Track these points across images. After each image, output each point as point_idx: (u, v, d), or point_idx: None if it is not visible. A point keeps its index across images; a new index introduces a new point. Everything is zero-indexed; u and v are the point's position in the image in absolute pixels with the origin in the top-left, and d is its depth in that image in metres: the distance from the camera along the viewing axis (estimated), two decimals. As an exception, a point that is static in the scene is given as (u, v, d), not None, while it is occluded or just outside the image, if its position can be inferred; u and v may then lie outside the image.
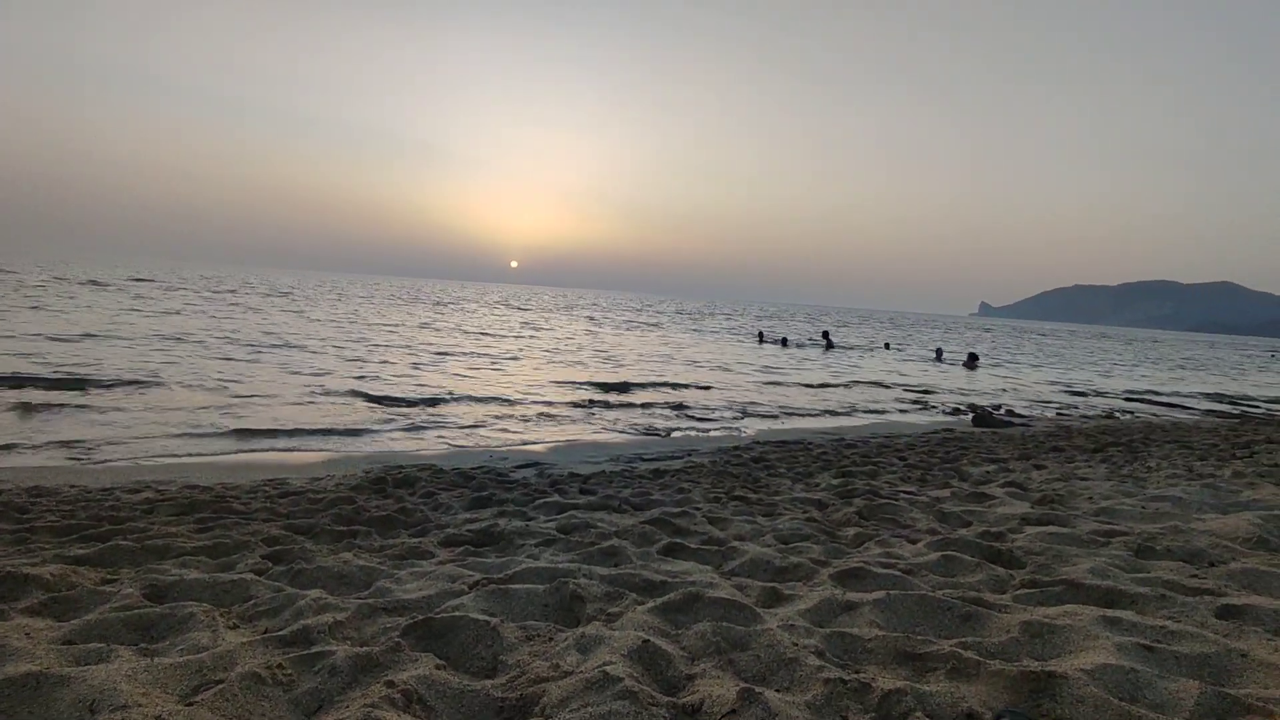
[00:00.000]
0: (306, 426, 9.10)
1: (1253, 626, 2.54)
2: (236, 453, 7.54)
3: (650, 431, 10.32)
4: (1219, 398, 21.50)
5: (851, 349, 33.23)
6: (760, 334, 36.22)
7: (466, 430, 9.66)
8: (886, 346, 35.98)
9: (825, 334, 36.23)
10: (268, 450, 7.79)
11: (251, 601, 2.85)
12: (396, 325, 28.57)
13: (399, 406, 11.05)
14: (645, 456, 8.26)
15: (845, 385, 18.29)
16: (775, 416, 12.60)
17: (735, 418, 12.19)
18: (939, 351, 31.69)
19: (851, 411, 13.96)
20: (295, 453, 7.81)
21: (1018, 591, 3.02)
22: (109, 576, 3.19)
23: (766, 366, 21.90)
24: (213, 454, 7.42)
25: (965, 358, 30.26)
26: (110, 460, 6.89)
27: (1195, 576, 3.16)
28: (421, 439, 8.98)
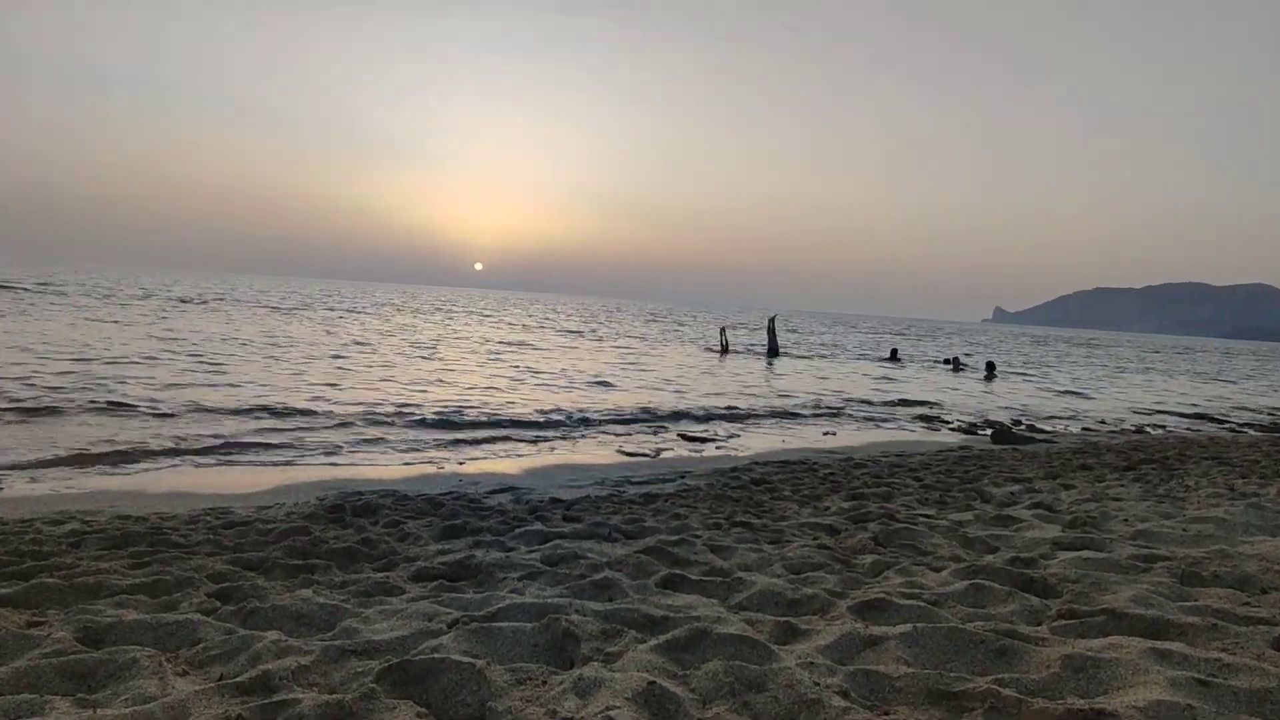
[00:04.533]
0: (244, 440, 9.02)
1: (1313, 658, 2.59)
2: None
3: (636, 452, 10.34)
4: (1263, 411, 21.91)
5: (962, 367, 31.23)
6: (723, 344, 32.54)
7: (426, 451, 9.62)
8: (954, 365, 31.42)
9: (955, 359, 33.08)
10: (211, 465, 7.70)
11: (201, 645, 2.81)
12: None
13: (348, 428, 10.96)
14: (633, 479, 8.29)
15: (846, 399, 18.41)
16: (774, 434, 12.65)
17: (729, 436, 12.24)
18: (955, 361, 32.05)
19: (857, 426, 14.08)
20: (235, 476, 7.72)
21: (1055, 623, 3.06)
22: (35, 618, 3.13)
23: (754, 380, 22.01)
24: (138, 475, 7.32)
25: (983, 367, 30.61)
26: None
27: (1247, 605, 3.22)
28: (378, 462, 8.92)
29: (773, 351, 31.64)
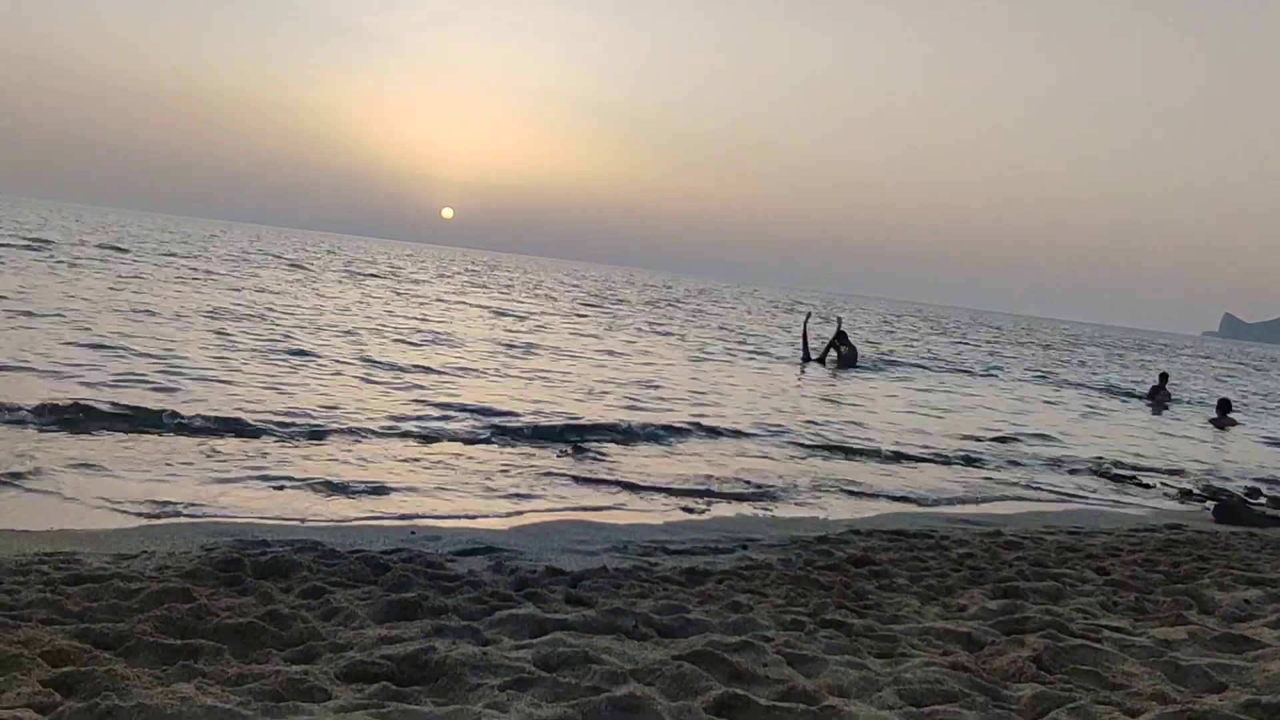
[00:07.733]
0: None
1: None
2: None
3: (675, 505, 10.38)
4: None
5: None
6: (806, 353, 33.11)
7: (367, 485, 9.68)
8: (1155, 397, 31.20)
9: (1226, 402, 30.45)
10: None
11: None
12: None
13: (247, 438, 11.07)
14: (671, 546, 8.32)
15: (994, 440, 18.23)
16: (883, 491, 12.57)
17: (816, 488, 12.19)
18: (1156, 392, 31.61)
19: (1013, 485, 13.96)
20: (82, 507, 7.80)
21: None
22: None
23: (835, 399, 21.95)
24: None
25: (1209, 403, 30.12)
26: None
27: None
28: (293, 496, 9.00)
29: (807, 359, 32.41)
